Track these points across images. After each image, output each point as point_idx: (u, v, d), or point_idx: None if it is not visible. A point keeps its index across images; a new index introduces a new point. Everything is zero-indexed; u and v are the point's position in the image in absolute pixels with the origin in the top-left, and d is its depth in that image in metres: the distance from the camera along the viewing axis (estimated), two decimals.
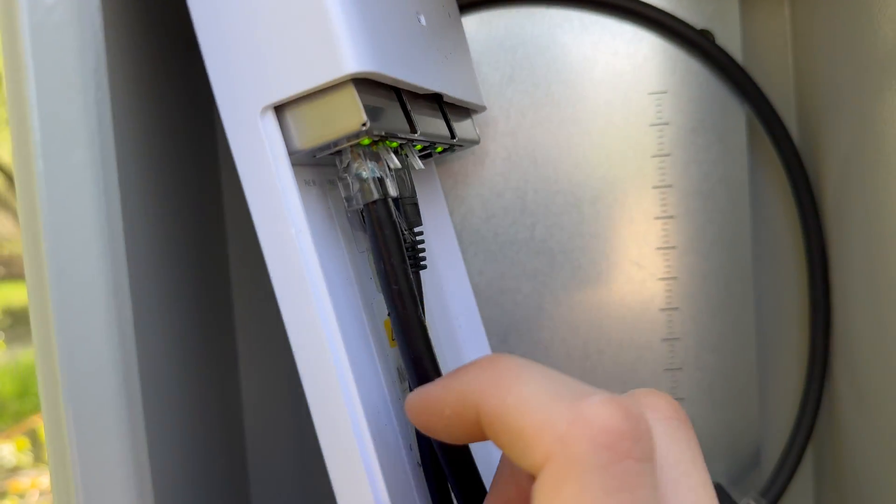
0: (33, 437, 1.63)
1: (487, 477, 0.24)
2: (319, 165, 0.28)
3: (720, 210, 0.37)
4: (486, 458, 0.29)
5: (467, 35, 0.36)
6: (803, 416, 0.36)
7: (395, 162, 0.25)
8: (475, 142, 0.32)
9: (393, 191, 0.25)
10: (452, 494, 0.26)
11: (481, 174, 0.37)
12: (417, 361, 0.24)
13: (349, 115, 0.22)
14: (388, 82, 0.24)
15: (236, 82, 0.22)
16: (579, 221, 0.37)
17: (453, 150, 0.32)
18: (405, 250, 0.25)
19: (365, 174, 0.24)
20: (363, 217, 0.28)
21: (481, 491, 0.25)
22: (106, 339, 0.20)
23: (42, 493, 1.51)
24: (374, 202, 0.24)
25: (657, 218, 0.37)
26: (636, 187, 0.36)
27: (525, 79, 0.36)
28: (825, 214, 0.36)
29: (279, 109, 0.23)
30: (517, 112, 0.36)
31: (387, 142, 0.26)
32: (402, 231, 0.25)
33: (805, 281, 0.37)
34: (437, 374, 0.25)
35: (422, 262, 0.28)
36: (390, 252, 0.24)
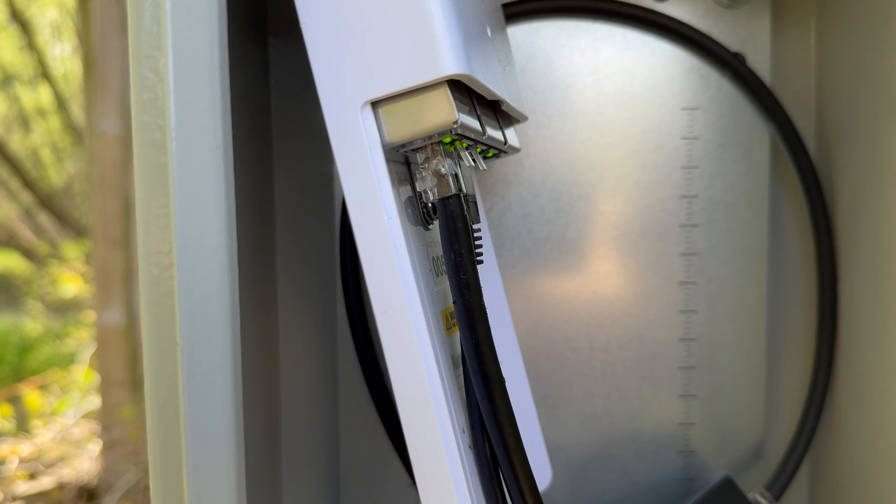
0: (16, 404, 1.62)
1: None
2: (389, 162, 0.29)
3: (741, 221, 0.39)
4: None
5: (515, 43, 0.38)
6: (807, 418, 0.39)
7: (469, 160, 0.27)
8: (517, 150, 0.34)
9: (464, 187, 0.27)
10: (503, 477, 0.28)
11: (521, 175, 0.39)
12: (479, 348, 0.26)
13: (442, 112, 0.24)
14: (472, 86, 0.26)
15: (340, 78, 0.24)
16: (610, 224, 0.39)
17: (499, 157, 0.35)
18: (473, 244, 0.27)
19: (444, 170, 0.26)
20: (427, 214, 0.30)
21: (530, 476, 0.27)
22: (221, 317, 0.22)
23: (22, 461, 1.50)
24: (450, 197, 0.26)
25: (682, 226, 0.39)
26: (665, 196, 0.39)
27: (568, 87, 0.38)
28: (837, 230, 0.38)
29: (374, 105, 0.25)
30: (558, 119, 0.39)
31: (458, 142, 0.28)
32: (469, 225, 0.27)
33: (815, 291, 0.40)
34: (496, 362, 0.27)
35: (479, 258, 0.30)
36: (461, 244, 0.26)
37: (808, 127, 0.40)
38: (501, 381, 0.27)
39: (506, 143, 0.32)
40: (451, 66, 0.24)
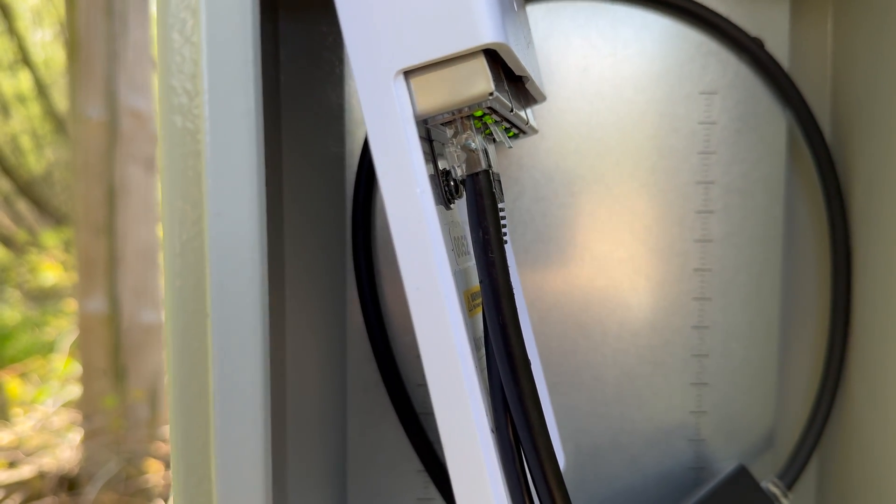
0: None
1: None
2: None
3: (756, 208, 0.39)
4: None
5: (533, 23, 0.38)
6: (818, 407, 0.39)
7: (500, 136, 0.27)
8: (536, 131, 0.34)
9: (492, 165, 0.26)
10: (525, 461, 0.27)
11: (535, 157, 0.38)
12: (505, 329, 0.26)
13: (478, 82, 0.24)
14: (506, 58, 0.26)
15: (372, 47, 0.24)
16: (624, 210, 0.39)
17: (517, 137, 0.34)
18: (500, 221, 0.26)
19: (474, 145, 0.26)
20: (450, 192, 0.29)
21: (554, 460, 0.26)
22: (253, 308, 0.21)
23: (1, 450, 1.48)
24: (479, 173, 0.26)
25: (699, 212, 0.39)
26: (681, 182, 0.38)
27: (585, 69, 0.38)
28: (853, 219, 0.38)
29: (406, 75, 0.24)
30: (575, 101, 0.38)
31: (489, 116, 0.27)
32: (498, 203, 0.27)
33: (829, 280, 0.40)
34: (522, 344, 0.26)
35: (505, 238, 0.30)
36: (489, 222, 0.26)
37: (824, 114, 0.40)
38: (527, 363, 0.27)
39: (528, 122, 0.31)
40: (489, 34, 0.23)
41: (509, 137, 0.33)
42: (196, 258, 0.21)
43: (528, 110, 0.33)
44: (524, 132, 0.33)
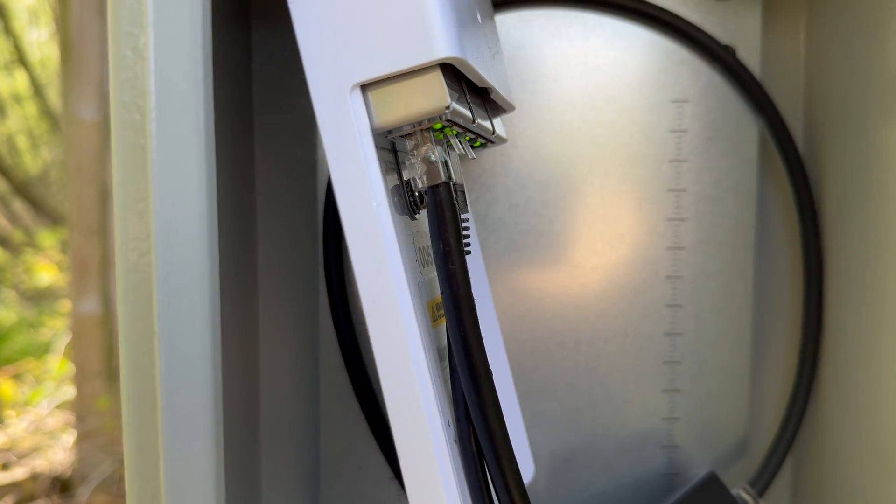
0: None
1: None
2: (377, 149, 0.29)
3: (728, 215, 0.39)
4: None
5: (504, 31, 0.38)
6: (791, 413, 0.39)
7: (459, 148, 0.27)
8: (504, 140, 0.34)
9: (453, 176, 0.27)
10: (488, 472, 0.28)
11: (508, 166, 0.38)
12: (466, 340, 0.26)
13: (434, 96, 0.24)
14: (464, 71, 0.26)
15: (328, 60, 0.24)
16: (597, 218, 0.39)
17: (486, 146, 0.34)
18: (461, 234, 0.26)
19: (433, 157, 0.26)
20: (413, 203, 0.29)
21: (516, 471, 0.26)
22: (201, 311, 0.21)
23: None
24: (439, 185, 0.26)
25: (670, 219, 0.39)
26: (653, 189, 0.39)
27: (557, 77, 0.38)
28: (824, 227, 0.38)
29: (363, 88, 0.24)
30: (547, 109, 0.38)
31: (448, 129, 0.27)
32: (459, 215, 0.27)
33: (801, 287, 0.40)
34: (483, 355, 0.26)
35: (467, 248, 0.30)
36: (450, 233, 0.26)
37: (797, 122, 0.40)
38: (489, 373, 0.27)
39: (494, 132, 0.32)
40: (444, 48, 0.23)
41: (476, 147, 0.33)
42: (145, 276, 0.21)
43: (496, 120, 0.34)
44: (492, 142, 0.33)
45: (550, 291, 0.39)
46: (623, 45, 0.38)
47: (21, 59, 2.87)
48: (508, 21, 0.38)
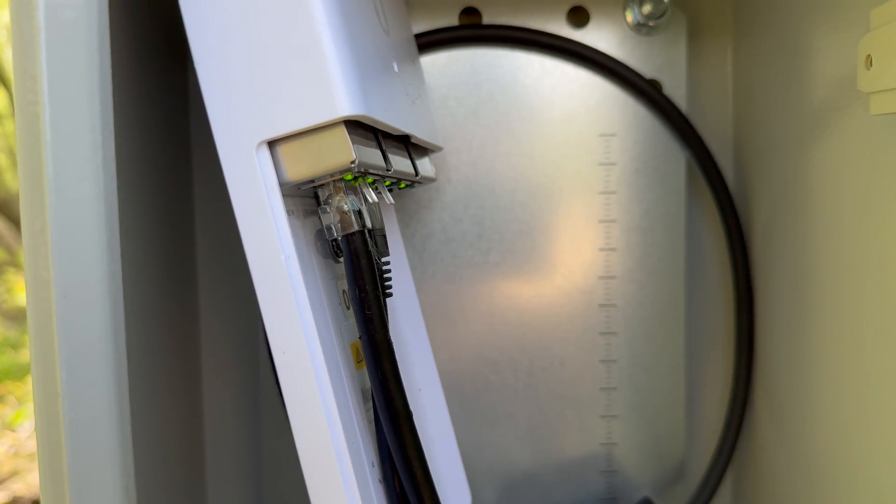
0: None
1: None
2: (296, 196, 0.30)
3: (658, 244, 0.40)
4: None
5: (436, 71, 0.39)
6: (726, 436, 0.40)
7: (373, 196, 0.28)
8: (433, 179, 0.35)
9: (369, 223, 0.27)
10: None
11: (443, 200, 0.39)
12: (385, 382, 0.27)
13: (340, 152, 0.25)
14: (372, 124, 0.26)
15: (234, 118, 0.24)
16: (531, 249, 0.40)
17: (413, 187, 0.35)
18: (378, 279, 0.27)
19: (346, 207, 0.27)
20: (336, 247, 0.30)
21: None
22: (102, 331, 0.22)
23: None
24: (353, 233, 0.27)
25: (601, 249, 0.40)
26: (584, 220, 0.40)
27: (488, 114, 0.39)
28: (753, 252, 0.39)
29: (271, 144, 0.25)
30: (479, 145, 0.39)
31: (362, 178, 0.28)
32: (376, 261, 0.28)
33: (732, 311, 0.41)
34: (403, 395, 0.27)
35: (388, 291, 0.31)
36: (365, 280, 0.27)
37: (726, 151, 0.41)
38: (409, 415, 0.27)
39: (417, 174, 0.32)
40: (346, 107, 0.24)
41: (401, 188, 0.34)
42: (48, 333, 0.21)
43: (423, 160, 0.34)
44: (419, 182, 0.33)
45: (487, 322, 0.40)
46: (551, 82, 0.39)
47: (1, 77, 2.87)
48: (439, 60, 0.39)
